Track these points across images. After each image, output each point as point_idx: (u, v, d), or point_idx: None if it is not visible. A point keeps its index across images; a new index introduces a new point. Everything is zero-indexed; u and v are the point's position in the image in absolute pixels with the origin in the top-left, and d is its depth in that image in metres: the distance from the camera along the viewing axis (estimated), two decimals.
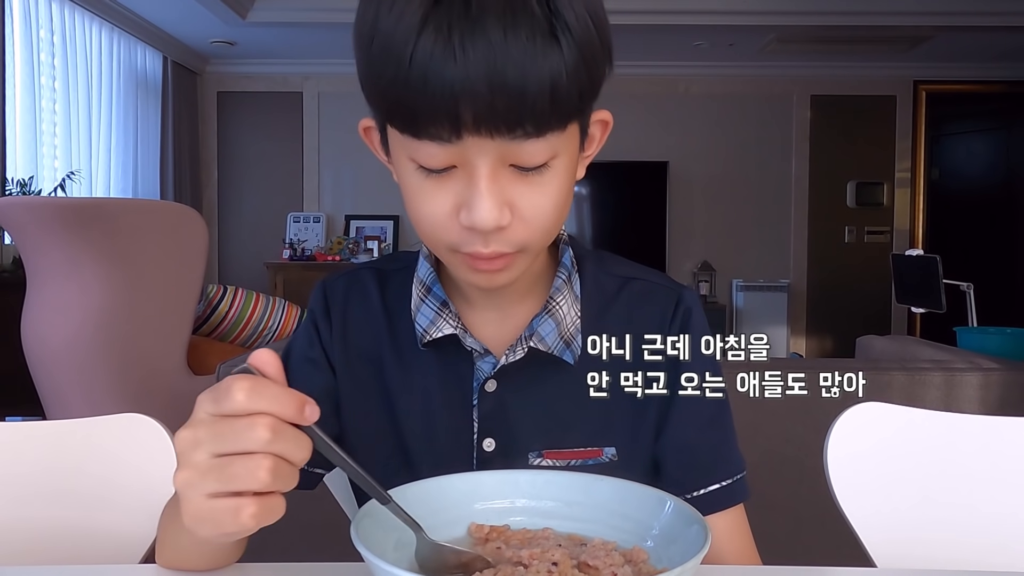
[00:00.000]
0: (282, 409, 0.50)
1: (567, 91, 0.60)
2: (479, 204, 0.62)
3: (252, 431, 0.49)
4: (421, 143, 0.61)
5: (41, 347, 2.60)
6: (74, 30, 4.45)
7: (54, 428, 0.87)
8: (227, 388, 0.49)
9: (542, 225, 0.66)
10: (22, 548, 0.81)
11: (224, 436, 0.49)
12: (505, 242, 0.65)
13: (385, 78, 0.60)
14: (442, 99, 0.58)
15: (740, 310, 6.11)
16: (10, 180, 3.79)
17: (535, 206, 0.65)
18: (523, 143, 0.61)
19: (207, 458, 0.49)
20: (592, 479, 0.64)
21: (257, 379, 0.50)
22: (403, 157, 0.65)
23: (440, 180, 0.64)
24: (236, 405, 0.49)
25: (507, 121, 0.59)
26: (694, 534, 0.55)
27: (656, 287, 0.81)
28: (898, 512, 0.86)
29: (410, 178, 0.66)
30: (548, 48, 0.58)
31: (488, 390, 0.76)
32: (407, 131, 0.62)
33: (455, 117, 0.59)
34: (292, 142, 6.24)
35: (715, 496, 0.77)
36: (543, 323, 0.75)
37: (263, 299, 3.06)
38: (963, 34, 5.32)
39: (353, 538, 0.51)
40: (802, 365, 2.44)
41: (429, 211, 0.65)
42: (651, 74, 6.03)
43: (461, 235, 0.65)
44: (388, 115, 0.63)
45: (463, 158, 0.62)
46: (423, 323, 0.77)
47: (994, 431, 0.90)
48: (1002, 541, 0.85)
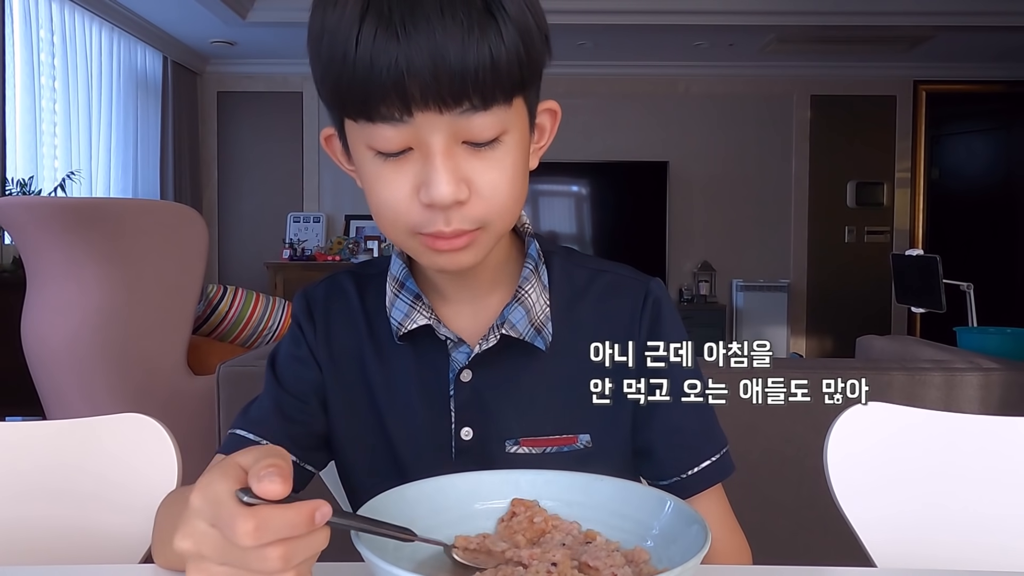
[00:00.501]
0: (293, 534, 0.47)
1: (507, 65, 0.63)
2: (436, 179, 0.64)
3: (263, 563, 0.46)
4: (376, 127, 0.64)
5: (41, 347, 2.60)
6: (74, 30, 4.45)
7: (54, 428, 0.87)
8: (230, 525, 0.46)
9: (500, 201, 0.68)
10: (22, 548, 0.81)
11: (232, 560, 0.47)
12: (465, 219, 0.67)
13: (334, 69, 0.63)
14: (389, 77, 0.61)
15: (740, 310, 6.11)
16: (10, 180, 3.79)
17: (491, 181, 0.67)
18: (472, 117, 0.64)
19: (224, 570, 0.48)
20: (592, 479, 0.64)
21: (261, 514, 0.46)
22: (361, 147, 0.68)
23: (397, 164, 0.66)
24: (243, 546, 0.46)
25: (453, 94, 0.62)
26: (694, 534, 0.55)
27: (624, 279, 0.84)
28: (898, 512, 0.86)
29: (368, 167, 0.68)
30: (486, 25, 0.62)
31: (464, 380, 0.78)
32: (361, 116, 0.65)
33: (403, 94, 0.62)
34: (292, 142, 6.24)
35: (706, 472, 0.79)
36: (513, 311, 0.78)
37: (263, 299, 3.06)
38: (963, 34, 5.32)
39: (353, 538, 0.51)
40: (803, 366, 2.44)
41: (389, 195, 0.67)
42: (651, 74, 6.03)
43: (422, 215, 0.67)
44: (342, 106, 0.66)
45: (417, 138, 0.64)
46: (398, 317, 0.79)
47: (994, 431, 0.90)
48: (1002, 541, 0.85)
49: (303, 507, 0.47)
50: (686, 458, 0.79)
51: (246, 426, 0.79)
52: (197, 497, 0.48)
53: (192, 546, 0.48)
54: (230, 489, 0.47)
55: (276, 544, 0.46)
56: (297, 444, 0.78)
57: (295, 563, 0.47)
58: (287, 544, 0.47)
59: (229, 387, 1.81)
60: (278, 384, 0.81)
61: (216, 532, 0.47)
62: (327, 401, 0.82)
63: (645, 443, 0.80)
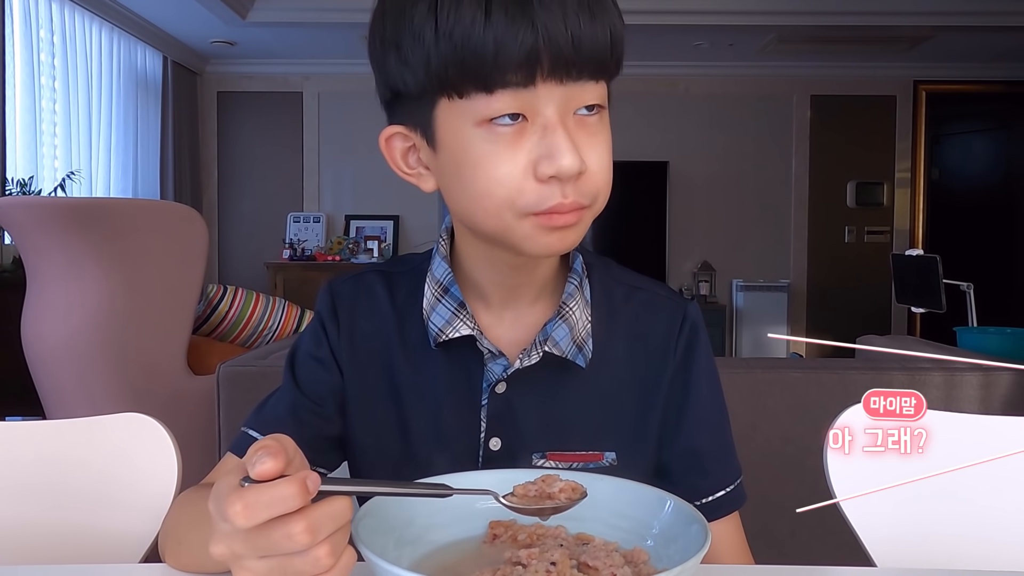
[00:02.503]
0: (287, 507, 0.48)
1: (620, 43, 0.66)
2: (562, 149, 0.64)
3: (291, 542, 0.47)
4: (493, 97, 0.63)
5: (41, 347, 2.60)
6: (74, 30, 4.45)
7: (54, 427, 0.87)
8: (224, 512, 0.48)
9: (606, 176, 0.69)
10: (22, 547, 0.81)
11: (264, 549, 0.48)
12: (581, 192, 0.66)
13: (456, 36, 0.62)
14: (522, 47, 0.61)
15: (740, 310, 6.11)
16: (10, 180, 3.79)
17: (598, 155, 0.67)
18: (584, 86, 0.65)
19: (262, 563, 0.49)
20: (593, 478, 0.64)
21: (249, 493, 0.47)
22: (465, 127, 0.66)
23: (511, 141, 0.65)
24: (242, 528, 0.47)
25: (578, 67, 0.64)
26: (694, 533, 0.55)
27: (662, 299, 0.83)
28: (898, 512, 0.85)
29: (476, 149, 0.66)
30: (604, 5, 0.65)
31: (498, 391, 0.77)
32: (480, 87, 0.63)
33: (534, 64, 0.62)
34: (292, 142, 6.24)
35: (720, 501, 0.79)
36: (557, 328, 0.76)
37: (263, 299, 3.06)
38: (963, 34, 5.32)
39: (353, 536, 0.51)
40: (803, 366, 2.42)
41: (505, 173, 0.65)
42: (651, 74, 6.02)
43: (538, 192, 0.65)
44: (454, 79, 0.64)
45: (533, 107, 0.64)
46: (438, 323, 0.77)
47: (995, 430, 0.90)
48: (1003, 540, 0.85)
49: (292, 478, 0.48)
50: (701, 484, 0.79)
51: (257, 426, 0.78)
52: (211, 502, 0.50)
53: (225, 549, 0.49)
54: (231, 482, 0.48)
55: (298, 518, 0.47)
56: (309, 447, 0.75)
57: (322, 536, 0.48)
58: (308, 516, 0.48)
59: (229, 387, 1.80)
60: (295, 384, 0.80)
61: (240, 530, 0.48)
62: (346, 403, 0.80)
63: (664, 463, 0.80)
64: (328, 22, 4.85)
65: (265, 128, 6.23)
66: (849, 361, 2.28)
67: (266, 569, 0.49)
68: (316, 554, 0.48)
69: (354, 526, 0.52)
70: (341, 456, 0.83)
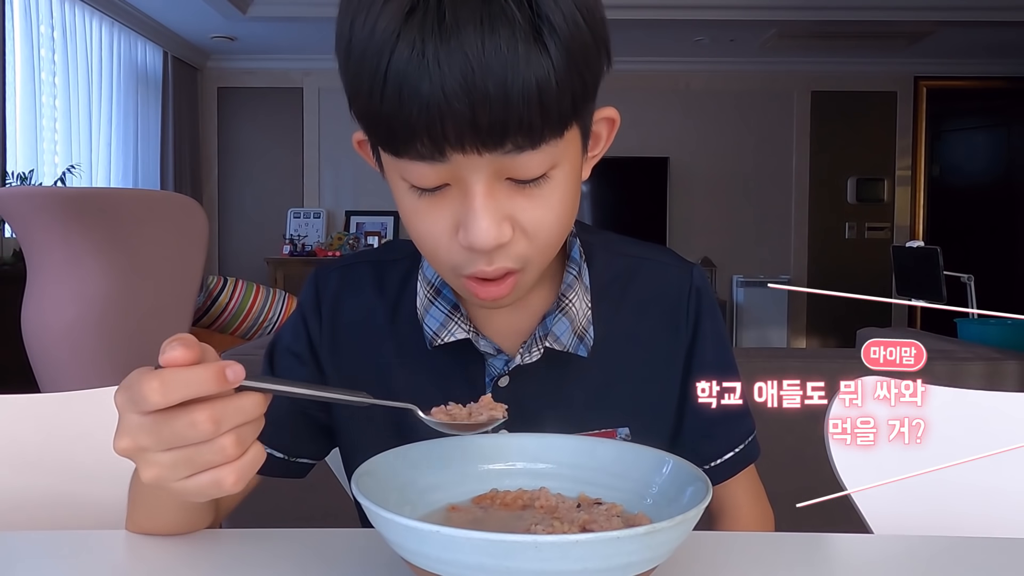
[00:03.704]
0: (203, 389, 0.48)
1: (558, 98, 0.56)
2: (476, 223, 0.59)
3: (194, 430, 0.48)
4: (408, 162, 0.59)
5: (41, 337, 2.61)
6: (74, 25, 4.45)
7: (56, 400, 0.87)
8: (139, 391, 0.47)
9: (546, 239, 0.64)
10: (22, 517, 0.81)
11: (169, 439, 0.48)
12: (509, 257, 0.62)
13: (363, 94, 0.57)
14: (420, 117, 0.55)
15: (740, 306, 6.11)
16: (10, 174, 3.79)
17: (537, 220, 0.62)
18: (517, 156, 0.58)
19: (167, 455, 0.49)
20: (594, 442, 0.64)
21: (165, 372, 0.48)
22: (395, 176, 0.63)
23: (435, 199, 0.61)
24: (154, 405, 0.47)
25: (493, 136, 0.56)
26: (694, 492, 0.55)
27: (667, 268, 0.80)
28: (898, 484, 0.85)
29: (404, 198, 0.63)
30: (531, 54, 0.55)
31: (501, 386, 0.74)
32: (389, 150, 0.60)
33: (437, 135, 0.56)
34: (293, 137, 6.24)
35: (732, 460, 0.79)
36: (557, 322, 0.74)
37: (263, 291, 3.06)
38: (964, 30, 5.32)
39: (353, 489, 0.50)
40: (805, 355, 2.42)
41: (427, 231, 0.63)
42: (652, 70, 6.02)
43: (462, 255, 0.62)
44: (370, 133, 0.62)
45: (454, 175, 0.59)
46: (432, 326, 0.74)
47: (995, 406, 0.90)
48: (1002, 514, 0.86)
49: (211, 365, 0.48)
50: (709, 447, 0.78)
51: None
52: (119, 395, 0.50)
53: (131, 442, 0.49)
54: (144, 371, 0.49)
55: (201, 407, 0.48)
56: (283, 441, 0.75)
57: (227, 427, 0.48)
58: (212, 406, 0.48)
59: None
60: (272, 375, 0.78)
61: (147, 419, 0.48)
62: (331, 404, 0.76)
63: (677, 429, 0.79)
64: (329, 17, 4.74)
65: (266, 124, 6.23)
66: (850, 351, 2.28)
67: (171, 461, 0.49)
68: (221, 443, 0.48)
69: (354, 481, 0.52)
70: (325, 445, 0.80)
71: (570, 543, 0.44)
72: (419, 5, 0.55)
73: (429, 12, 0.54)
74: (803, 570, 0.62)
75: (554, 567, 0.45)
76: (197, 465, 0.49)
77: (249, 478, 0.51)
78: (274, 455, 0.75)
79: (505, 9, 0.54)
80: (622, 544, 0.45)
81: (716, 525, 0.81)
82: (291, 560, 0.61)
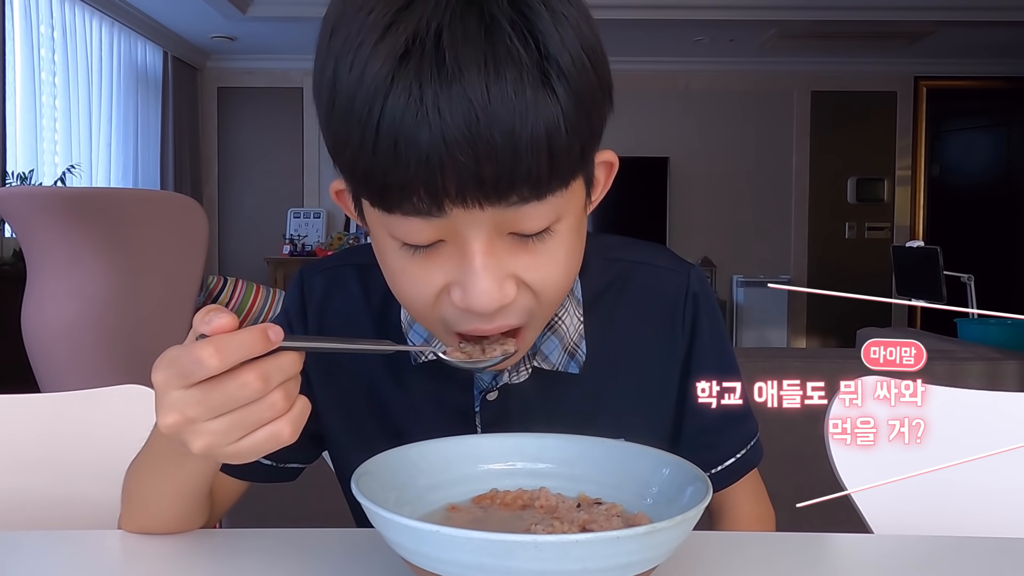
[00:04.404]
0: (254, 349, 0.48)
1: (567, 146, 0.52)
2: (475, 285, 0.55)
3: (246, 390, 0.48)
4: (400, 218, 0.54)
5: (41, 336, 2.61)
6: (74, 25, 4.45)
7: (55, 400, 0.87)
8: (192, 360, 0.48)
9: (551, 295, 0.60)
10: (21, 517, 0.81)
11: (220, 404, 0.48)
12: (512, 314, 0.58)
13: (351, 146, 0.52)
14: (417, 170, 0.50)
15: (740, 306, 6.11)
16: (10, 174, 3.79)
17: (542, 277, 0.58)
18: (521, 208, 0.53)
19: (217, 422, 0.49)
20: (594, 441, 0.64)
21: (217, 339, 0.48)
22: (381, 233, 0.58)
23: (427, 257, 0.56)
24: (212, 370, 0.48)
25: (498, 189, 0.51)
26: (694, 492, 0.55)
27: (662, 272, 0.77)
28: (898, 484, 0.85)
29: (391, 257, 0.58)
30: (540, 99, 0.50)
31: (490, 399, 0.72)
32: (380, 206, 0.54)
33: (436, 189, 0.51)
34: (293, 138, 6.24)
35: (734, 466, 0.78)
36: (546, 341, 0.71)
37: (263, 290, 3.06)
38: (964, 29, 5.32)
39: (353, 490, 0.50)
40: (805, 355, 2.43)
41: (418, 291, 0.58)
42: (651, 70, 6.03)
43: (457, 314, 0.58)
44: (357, 187, 0.56)
45: (451, 231, 0.54)
46: (416, 341, 0.72)
47: (995, 406, 0.90)
48: (1002, 514, 0.86)
49: (255, 328, 0.48)
50: (710, 454, 0.76)
51: None
52: (159, 374, 0.50)
53: (178, 415, 0.49)
54: (189, 341, 0.49)
55: (248, 368, 0.48)
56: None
57: (274, 384, 0.49)
58: (258, 366, 0.48)
59: None
60: None
61: (194, 390, 0.48)
62: (317, 408, 0.73)
63: (677, 436, 0.78)
64: None
65: (266, 124, 6.23)
66: (850, 351, 2.28)
67: (225, 427, 0.49)
68: (272, 399, 0.49)
69: (354, 481, 0.52)
70: (313, 452, 0.79)
71: (570, 543, 0.44)
72: (415, 46, 0.50)
73: (426, 54, 0.49)
74: (803, 570, 0.62)
75: (554, 567, 0.44)
76: (250, 424, 0.49)
77: (302, 428, 0.51)
78: (262, 463, 0.74)
79: (511, 50, 0.50)
80: (622, 544, 0.45)
81: (716, 525, 0.81)
82: (291, 560, 0.61)
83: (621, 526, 0.56)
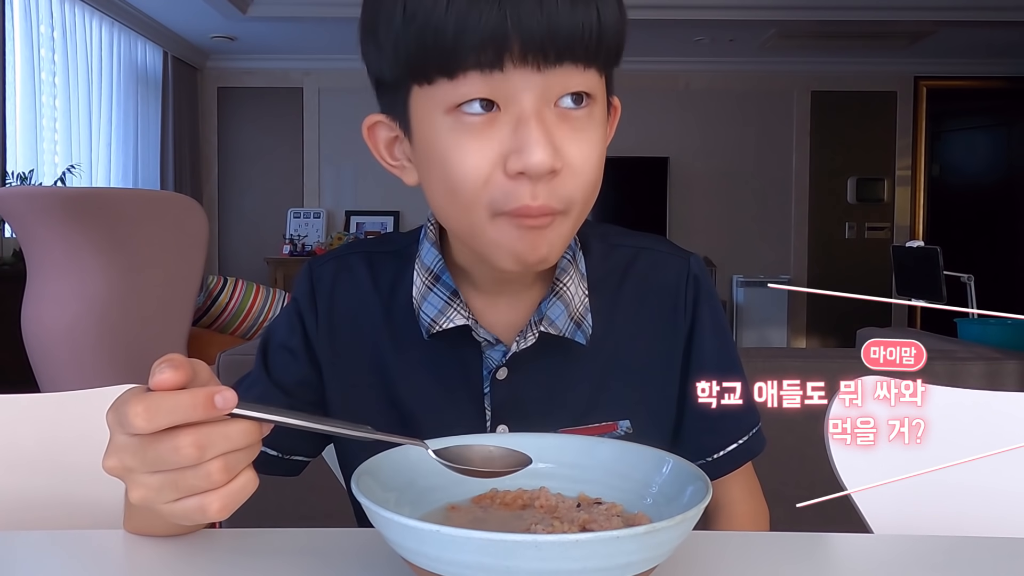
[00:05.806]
0: (188, 415, 0.47)
1: (612, 28, 0.60)
2: (531, 143, 0.59)
3: (177, 455, 0.47)
4: (457, 81, 0.59)
5: (41, 336, 2.61)
6: (74, 25, 4.45)
7: (54, 400, 0.87)
8: (125, 414, 0.47)
9: (589, 178, 0.64)
10: (21, 518, 0.81)
11: (154, 462, 0.47)
12: (553, 195, 0.62)
13: (420, 18, 0.58)
14: (487, 24, 0.57)
15: (741, 306, 6.11)
16: (10, 174, 3.79)
17: (581, 154, 0.63)
18: (567, 72, 0.60)
19: (153, 477, 0.48)
20: (593, 441, 0.64)
21: (151, 397, 0.47)
22: (435, 116, 0.62)
23: (480, 131, 0.61)
24: (139, 430, 0.47)
25: (557, 51, 0.58)
26: (694, 491, 0.55)
27: (664, 256, 0.80)
28: (898, 485, 0.85)
29: (444, 137, 0.62)
30: None
31: (500, 378, 0.73)
32: (444, 72, 0.59)
33: (501, 42, 0.57)
34: (293, 138, 6.24)
35: (732, 455, 0.78)
36: (552, 306, 0.73)
37: (263, 291, 3.06)
38: (964, 29, 5.32)
39: (354, 489, 0.50)
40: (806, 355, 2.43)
41: (471, 165, 0.61)
42: (651, 70, 6.02)
43: (507, 188, 0.61)
44: (420, 63, 0.61)
45: (506, 94, 0.60)
46: (430, 312, 0.73)
47: (995, 406, 0.90)
48: (1002, 514, 0.86)
49: (198, 390, 0.47)
50: (710, 441, 0.77)
51: None
52: (110, 414, 0.49)
53: (117, 462, 0.49)
54: (136, 392, 0.48)
55: (186, 432, 0.47)
56: (277, 439, 0.74)
57: (212, 453, 0.47)
58: (198, 431, 0.47)
59: (229, 375, 1.81)
60: (266, 372, 0.76)
61: (133, 440, 0.48)
62: (326, 395, 0.77)
63: (679, 423, 0.79)
64: (328, 16, 4.85)
65: (266, 124, 6.23)
66: (850, 351, 2.28)
67: (158, 484, 0.48)
68: (207, 469, 0.47)
69: (354, 481, 0.52)
70: (319, 444, 0.79)
71: (570, 543, 0.44)
72: None
73: None
74: (803, 570, 0.62)
75: (554, 567, 0.45)
76: (182, 489, 0.48)
77: (237, 506, 0.50)
78: (268, 453, 0.74)
79: None
80: (622, 544, 0.45)
81: (711, 521, 0.81)
82: (291, 560, 0.61)
83: (621, 526, 0.56)
